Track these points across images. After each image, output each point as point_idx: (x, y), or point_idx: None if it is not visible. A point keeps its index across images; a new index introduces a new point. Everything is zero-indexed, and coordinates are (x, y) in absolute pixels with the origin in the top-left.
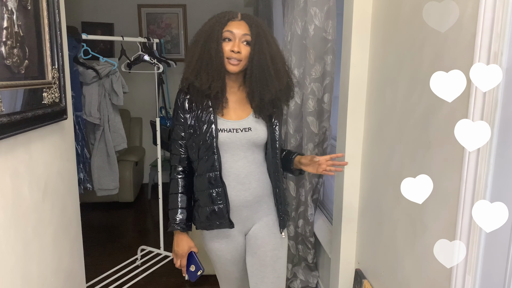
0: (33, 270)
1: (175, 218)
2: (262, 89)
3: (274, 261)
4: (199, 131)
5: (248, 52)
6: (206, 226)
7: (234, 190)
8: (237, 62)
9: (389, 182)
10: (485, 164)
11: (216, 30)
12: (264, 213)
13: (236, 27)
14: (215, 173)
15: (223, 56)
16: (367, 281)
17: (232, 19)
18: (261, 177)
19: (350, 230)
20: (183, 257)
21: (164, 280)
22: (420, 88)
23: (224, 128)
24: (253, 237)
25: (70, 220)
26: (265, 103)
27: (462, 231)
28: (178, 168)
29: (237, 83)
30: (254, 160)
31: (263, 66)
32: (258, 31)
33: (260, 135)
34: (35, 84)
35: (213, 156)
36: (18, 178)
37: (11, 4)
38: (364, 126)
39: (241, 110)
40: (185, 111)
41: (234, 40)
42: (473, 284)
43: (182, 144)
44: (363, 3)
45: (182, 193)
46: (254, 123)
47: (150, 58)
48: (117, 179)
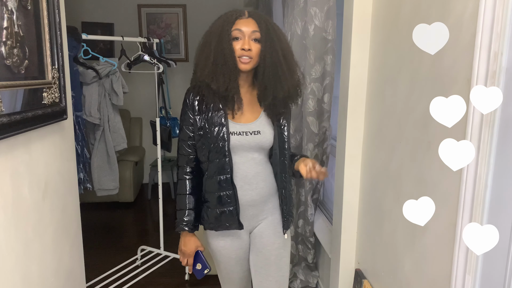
0: (33, 270)
1: (183, 219)
2: (276, 86)
3: (279, 259)
4: (209, 134)
5: (258, 50)
6: (215, 227)
7: (242, 189)
8: (249, 60)
9: (389, 182)
10: (485, 164)
11: (225, 30)
12: (269, 213)
13: (244, 25)
14: (226, 176)
15: (235, 55)
16: (367, 281)
17: (239, 17)
18: (267, 177)
19: (350, 230)
20: (190, 256)
21: (164, 280)
22: (420, 88)
23: (235, 131)
24: (258, 235)
25: (70, 220)
26: (277, 101)
27: (462, 231)
28: (186, 169)
29: (247, 83)
30: (261, 161)
31: (275, 62)
32: (267, 27)
33: (268, 139)
34: (35, 84)
35: (224, 159)
36: (18, 178)
37: (11, 4)
38: (364, 126)
39: (250, 112)
40: (195, 112)
41: (244, 38)
42: (473, 284)
43: (191, 145)
44: (363, 3)
45: (190, 194)
46: (263, 126)
47: (150, 58)
48: (117, 179)
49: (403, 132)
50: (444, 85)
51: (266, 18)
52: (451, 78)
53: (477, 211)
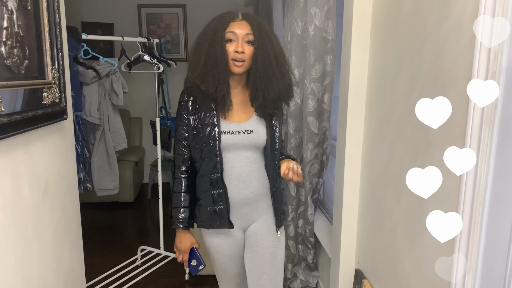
0: (33, 270)
1: (178, 217)
2: (267, 88)
3: (273, 258)
4: (202, 133)
5: (251, 52)
6: (206, 225)
7: (235, 188)
8: (241, 63)
9: (389, 182)
10: (485, 164)
11: (219, 32)
12: (263, 211)
13: (238, 27)
14: (216, 175)
15: (228, 58)
16: (367, 281)
17: (233, 19)
18: (261, 176)
19: (350, 230)
20: (185, 252)
21: (164, 280)
22: (420, 88)
23: (227, 130)
24: (253, 233)
25: (70, 220)
26: (268, 102)
27: (462, 231)
28: (182, 168)
29: (240, 84)
30: (255, 160)
31: (267, 65)
32: (260, 30)
33: (261, 138)
34: (35, 84)
35: (215, 158)
36: (18, 178)
37: (11, 4)
38: (364, 126)
39: (243, 112)
40: (188, 112)
41: (237, 41)
42: (473, 284)
43: (186, 145)
44: (363, 3)
45: (185, 192)
46: (256, 126)
47: (150, 58)
48: (117, 179)
49: (403, 132)
50: (444, 85)
51: (259, 21)
52: (451, 78)
53: (477, 211)
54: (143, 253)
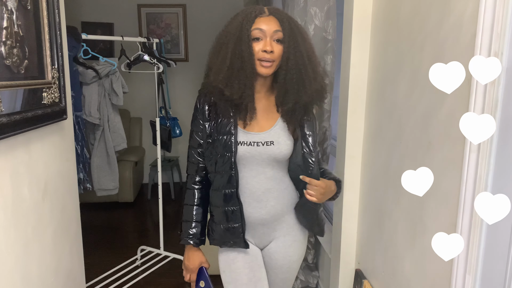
0: (33, 270)
1: (189, 232)
2: (299, 91)
3: (283, 282)
4: (217, 143)
5: (281, 51)
6: (219, 243)
7: (250, 207)
8: (270, 64)
9: (389, 182)
10: (485, 164)
11: (244, 29)
12: (282, 232)
13: (265, 23)
14: (231, 190)
15: (254, 58)
16: (367, 281)
17: (259, 15)
18: (280, 194)
19: (350, 230)
20: (193, 272)
21: (164, 280)
22: (420, 88)
23: (244, 141)
24: (268, 256)
25: (70, 220)
26: (297, 107)
27: (463, 231)
28: (196, 178)
29: (264, 88)
30: (273, 177)
31: (300, 65)
32: (290, 26)
33: (282, 150)
34: (35, 84)
35: (230, 171)
36: (18, 178)
37: (11, 4)
38: (364, 126)
39: (266, 119)
40: (205, 118)
41: (265, 39)
42: (473, 284)
43: (200, 153)
44: (363, 3)
45: (198, 205)
46: (278, 136)
47: (150, 58)
48: (117, 179)
49: (403, 132)
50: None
51: (288, 16)
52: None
53: None
54: (143, 253)
